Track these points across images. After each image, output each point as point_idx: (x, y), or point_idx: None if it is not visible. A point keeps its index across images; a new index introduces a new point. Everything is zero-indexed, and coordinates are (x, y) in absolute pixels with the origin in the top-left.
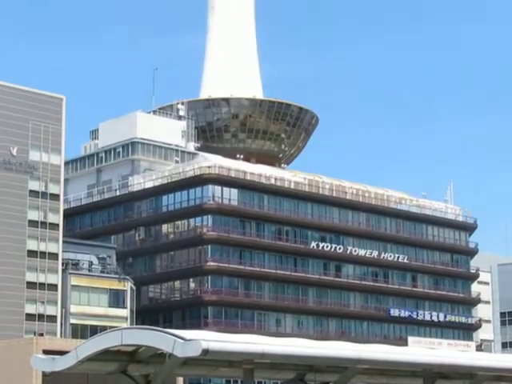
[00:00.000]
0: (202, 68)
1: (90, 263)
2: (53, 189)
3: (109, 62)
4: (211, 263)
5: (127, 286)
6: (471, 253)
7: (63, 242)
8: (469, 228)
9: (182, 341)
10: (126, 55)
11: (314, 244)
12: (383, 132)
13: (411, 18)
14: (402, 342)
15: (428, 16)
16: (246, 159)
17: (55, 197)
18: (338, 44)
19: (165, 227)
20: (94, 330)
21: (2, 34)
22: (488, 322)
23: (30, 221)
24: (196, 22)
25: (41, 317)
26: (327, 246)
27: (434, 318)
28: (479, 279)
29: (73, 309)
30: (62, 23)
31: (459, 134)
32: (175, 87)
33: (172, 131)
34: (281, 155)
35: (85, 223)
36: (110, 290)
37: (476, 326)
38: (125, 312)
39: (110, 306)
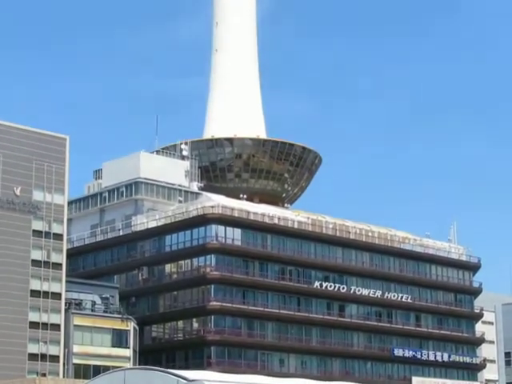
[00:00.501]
0: (205, 108)
1: (93, 303)
2: (56, 228)
3: (112, 101)
4: (214, 303)
5: (130, 325)
6: (475, 292)
7: (66, 281)
8: (472, 267)
9: (185, 381)
10: (129, 95)
11: (317, 284)
12: (386, 171)
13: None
14: (406, 382)
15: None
16: (250, 199)
17: (58, 236)
18: (340, 83)
19: (168, 267)
20: (97, 370)
21: (5, 75)
22: (492, 362)
23: (33, 260)
24: (199, 62)
25: (43, 357)
26: (331, 286)
27: (439, 358)
28: (483, 319)
29: (75, 349)
30: (65, 62)
31: (462, 173)
32: (178, 127)
33: (175, 171)
34: (284, 195)
35: (88, 263)
36: (113, 329)
37: (480, 366)
38: (128, 352)
39: (112, 346)
